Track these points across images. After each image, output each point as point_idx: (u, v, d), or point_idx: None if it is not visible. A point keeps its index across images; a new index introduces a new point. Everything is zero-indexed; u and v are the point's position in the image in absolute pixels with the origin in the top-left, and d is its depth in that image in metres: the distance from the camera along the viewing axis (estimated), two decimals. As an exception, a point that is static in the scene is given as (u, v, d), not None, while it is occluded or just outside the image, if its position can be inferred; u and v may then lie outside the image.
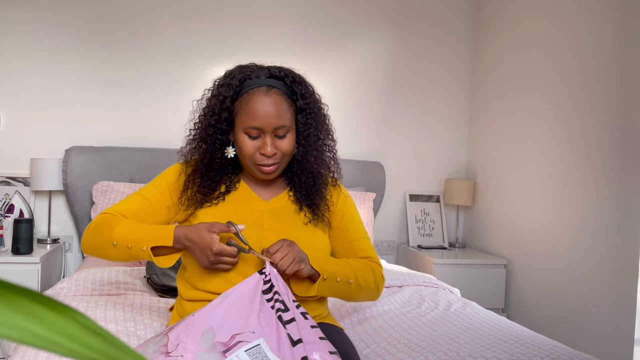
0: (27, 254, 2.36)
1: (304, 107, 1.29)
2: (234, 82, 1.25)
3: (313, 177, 1.34)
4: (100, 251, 1.27)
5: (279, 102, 1.24)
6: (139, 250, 1.20)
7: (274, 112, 1.23)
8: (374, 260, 1.39)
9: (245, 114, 1.24)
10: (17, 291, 0.24)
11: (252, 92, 1.24)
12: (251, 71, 1.27)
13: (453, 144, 3.30)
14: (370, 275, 1.34)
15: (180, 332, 1.02)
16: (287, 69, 1.30)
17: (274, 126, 1.24)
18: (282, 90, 1.26)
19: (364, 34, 3.13)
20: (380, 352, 1.48)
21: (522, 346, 1.48)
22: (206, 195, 1.31)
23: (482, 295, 2.77)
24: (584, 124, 2.41)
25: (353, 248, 1.39)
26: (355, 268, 1.31)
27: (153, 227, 1.25)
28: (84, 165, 2.63)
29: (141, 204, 1.32)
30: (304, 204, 1.34)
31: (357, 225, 1.42)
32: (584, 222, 2.38)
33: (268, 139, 1.24)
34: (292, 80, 1.28)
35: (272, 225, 1.31)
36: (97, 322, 0.31)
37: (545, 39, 2.68)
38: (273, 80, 1.26)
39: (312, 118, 1.30)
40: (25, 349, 1.36)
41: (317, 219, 1.34)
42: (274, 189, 1.39)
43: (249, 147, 1.25)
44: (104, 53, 2.78)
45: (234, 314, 1.05)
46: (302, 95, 1.28)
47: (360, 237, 1.41)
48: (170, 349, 0.99)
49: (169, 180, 1.35)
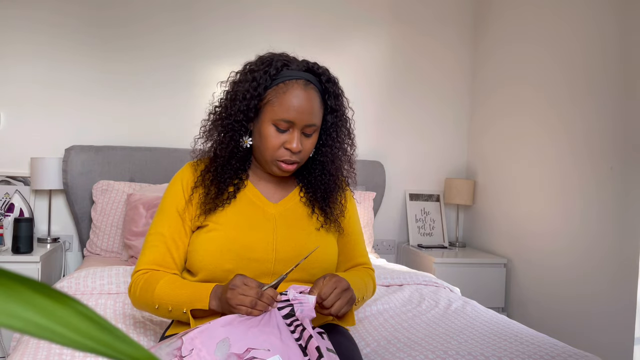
0: (27, 253, 2.37)
1: (336, 108, 1.26)
2: (271, 69, 1.20)
3: (334, 180, 1.31)
4: (146, 309, 1.23)
5: (315, 98, 1.20)
6: (179, 313, 1.15)
7: (309, 107, 1.18)
8: (370, 267, 1.41)
9: (279, 104, 1.18)
10: (18, 280, 0.24)
11: (290, 83, 1.19)
12: (289, 61, 1.23)
13: (453, 143, 3.30)
14: (371, 287, 1.37)
15: (195, 338, 0.99)
16: (322, 66, 1.26)
17: (306, 122, 1.19)
18: (317, 87, 1.22)
19: (363, 34, 3.13)
20: (380, 350, 1.48)
21: (522, 344, 1.48)
22: (218, 193, 1.24)
23: (482, 294, 2.77)
24: (584, 123, 2.41)
25: (353, 251, 1.38)
26: (365, 283, 1.32)
27: (192, 286, 1.17)
28: (84, 165, 2.64)
29: (162, 243, 1.24)
30: (317, 206, 1.30)
31: (358, 228, 1.41)
32: (584, 221, 2.38)
33: (296, 134, 1.19)
34: (327, 78, 1.24)
35: (285, 232, 1.25)
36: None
37: (546, 38, 2.68)
38: (310, 75, 1.22)
39: (341, 120, 1.28)
40: (25, 347, 1.36)
41: (330, 223, 1.30)
42: (283, 187, 1.34)
43: (275, 140, 1.19)
44: (104, 52, 2.78)
45: (255, 330, 1.01)
46: (335, 95, 1.25)
47: (359, 241, 1.41)
48: (184, 353, 0.97)
49: (183, 178, 1.28)
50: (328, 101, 1.24)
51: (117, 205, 2.52)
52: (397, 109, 3.19)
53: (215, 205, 1.24)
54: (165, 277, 1.20)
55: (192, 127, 1.55)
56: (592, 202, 2.34)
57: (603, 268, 2.27)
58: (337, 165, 1.30)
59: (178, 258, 1.25)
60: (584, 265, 2.37)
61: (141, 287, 1.20)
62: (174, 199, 1.27)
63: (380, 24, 3.14)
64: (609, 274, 2.23)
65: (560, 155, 2.54)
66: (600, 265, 2.28)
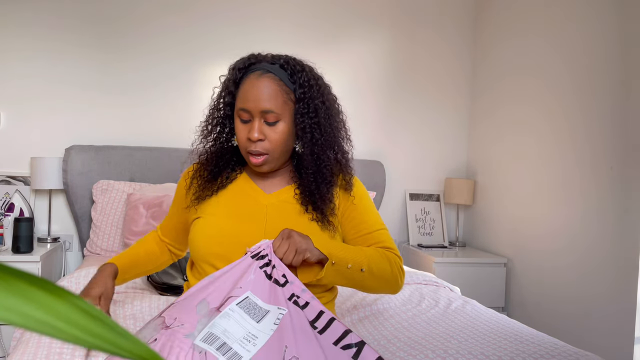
0: (28, 252, 2.37)
1: (302, 97, 1.24)
2: (239, 65, 1.26)
3: (315, 177, 1.27)
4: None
5: (270, 85, 1.21)
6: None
7: (262, 94, 1.20)
8: (392, 251, 1.30)
9: (238, 96, 1.24)
10: (18, 276, 0.24)
11: (248, 75, 1.23)
12: (257, 58, 1.27)
13: (453, 143, 3.30)
14: (387, 264, 1.26)
15: (174, 310, 1.05)
16: (292, 58, 1.27)
17: (261, 109, 1.20)
18: (280, 76, 1.23)
19: (363, 33, 3.13)
20: (380, 350, 1.48)
21: (522, 344, 1.48)
22: (207, 182, 1.31)
23: (482, 294, 2.77)
24: (584, 123, 2.41)
25: (368, 241, 1.31)
26: (369, 256, 1.23)
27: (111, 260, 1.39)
28: (84, 164, 2.64)
29: (169, 218, 1.46)
30: (311, 206, 1.27)
31: (371, 217, 1.34)
32: (584, 220, 2.38)
33: (256, 123, 1.21)
34: (292, 68, 1.24)
35: (276, 222, 1.26)
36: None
37: (546, 38, 2.68)
38: (273, 67, 1.23)
39: (313, 110, 1.24)
40: (25, 347, 1.36)
41: (324, 222, 1.27)
42: (278, 181, 1.34)
43: (241, 132, 1.24)
44: (104, 52, 2.78)
45: (226, 285, 1.09)
46: (301, 84, 1.24)
47: (375, 229, 1.32)
48: (168, 323, 1.02)
49: (186, 175, 1.38)
50: (296, 91, 1.24)
51: (117, 205, 2.52)
52: (397, 109, 3.19)
53: (205, 195, 1.30)
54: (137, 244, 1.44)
55: (192, 127, 1.56)
56: (592, 202, 2.34)
57: (603, 267, 2.27)
58: (319, 159, 1.26)
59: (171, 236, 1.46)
60: (584, 264, 2.37)
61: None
62: (176, 192, 1.43)
63: (380, 24, 3.14)
64: (609, 273, 2.23)
65: (560, 155, 2.54)
66: (601, 265, 2.28)
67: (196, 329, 0.99)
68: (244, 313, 1.00)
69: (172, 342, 0.97)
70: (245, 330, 0.97)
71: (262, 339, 0.96)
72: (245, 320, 0.99)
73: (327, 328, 1.00)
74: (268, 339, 0.97)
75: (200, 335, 0.97)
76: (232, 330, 0.97)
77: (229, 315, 0.99)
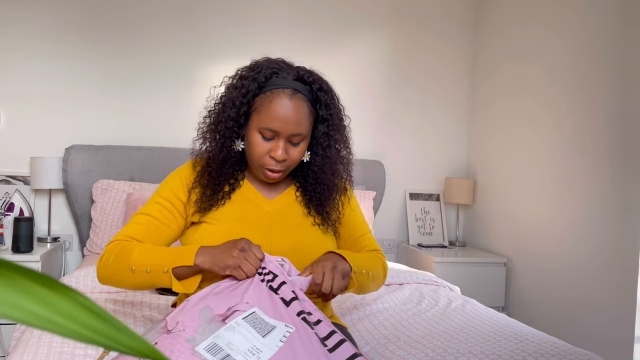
0: (28, 252, 2.37)
1: (327, 118, 1.24)
2: (260, 77, 1.19)
3: (329, 188, 1.30)
4: (116, 278, 1.19)
5: (301, 108, 1.19)
6: (159, 273, 1.13)
7: (294, 118, 1.17)
8: (379, 253, 1.40)
9: (264, 113, 1.18)
10: (19, 271, 0.24)
11: (277, 92, 1.18)
12: (279, 68, 1.21)
13: (453, 142, 3.30)
14: (380, 266, 1.35)
15: (177, 314, 1.05)
16: (315, 74, 1.24)
17: (291, 132, 1.18)
18: (307, 96, 1.21)
19: (363, 33, 3.13)
20: (380, 349, 1.48)
21: (522, 343, 1.48)
22: (213, 193, 1.26)
23: (482, 293, 2.77)
24: (584, 122, 2.41)
25: (360, 244, 1.38)
26: (369, 260, 1.31)
27: (174, 249, 1.18)
28: (84, 164, 2.64)
29: (149, 222, 1.24)
30: (313, 208, 1.31)
31: (362, 221, 1.42)
32: (583, 220, 2.38)
33: (282, 143, 1.19)
34: (318, 87, 1.22)
35: (280, 227, 1.28)
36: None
37: (546, 38, 2.68)
38: (300, 85, 1.20)
39: (334, 129, 1.25)
40: (25, 346, 1.36)
41: (327, 226, 1.31)
42: (279, 185, 1.35)
43: (260, 147, 1.20)
44: (104, 52, 2.78)
45: (229, 296, 1.08)
46: (327, 105, 1.23)
47: (365, 232, 1.41)
48: (170, 328, 1.02)
49: (183, 175, 1.30)
50: (319, 111, 1.23)
51: (117, 204, 2.52)
52: (397, 108, 3.19)
53: (211, 205, 1.26)
54: (148, 245, 1.21)
55: (192, 127, 1.55)
56: (592, 201, 2.34)
57: (603, 267, 2.27)
58: (330, 173, 1.29)
59: (158, 243, 1.25)
60: (584, 264, 2.37)
61: (117, 253, 1.18)
62: (170, 190, 1.29)
63: (380, 23, 3.14)
64: (609, 272, 2.23)
65: (560, 154, 2.54)
66: (600, 264, 2.28)
67: (198, 333, 0.99)
68: (249, 327, 1.00)
69: (172, 346, 0.98)
70: (250, 344, 0.97)
71: (266, 353, 0.96)
72: (251, 334, 0.99)
73: (337, 348, 1.01)
74: (273, 354, 0.96)
75: (204, 344, 0.97)
76: (237, 342, 0.96)
77: (234, 328, 0.99)
